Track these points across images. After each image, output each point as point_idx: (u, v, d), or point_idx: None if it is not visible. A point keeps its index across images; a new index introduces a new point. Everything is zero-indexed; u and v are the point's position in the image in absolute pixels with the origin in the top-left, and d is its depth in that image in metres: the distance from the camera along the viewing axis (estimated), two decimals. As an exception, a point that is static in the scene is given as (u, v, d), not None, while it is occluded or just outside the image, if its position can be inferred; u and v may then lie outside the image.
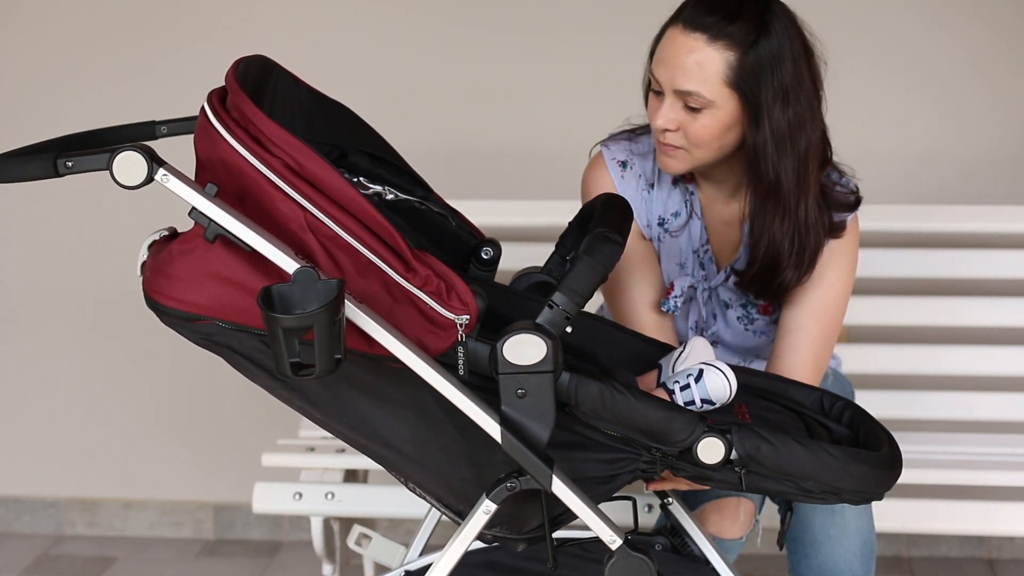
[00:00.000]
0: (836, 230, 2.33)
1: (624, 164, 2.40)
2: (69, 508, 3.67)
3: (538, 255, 2.76)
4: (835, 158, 2.38)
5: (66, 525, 3.68)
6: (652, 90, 2.27)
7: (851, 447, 1.97)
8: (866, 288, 3.09)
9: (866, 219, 3.05)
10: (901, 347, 3.04)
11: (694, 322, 2.44)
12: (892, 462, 1.93)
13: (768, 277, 2.32)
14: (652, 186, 2.40)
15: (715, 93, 2.19)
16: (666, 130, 2.23)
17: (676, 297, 2.37)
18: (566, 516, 1.94)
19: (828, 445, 1.90)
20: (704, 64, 2.18)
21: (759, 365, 2.51)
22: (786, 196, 2.25)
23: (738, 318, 2.46)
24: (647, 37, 2.31)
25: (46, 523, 3.68)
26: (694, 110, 2.20)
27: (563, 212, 2.59)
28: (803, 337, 2.35)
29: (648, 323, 2.39)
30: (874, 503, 2.25)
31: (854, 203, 2.36)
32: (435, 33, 3.41)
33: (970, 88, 3.31)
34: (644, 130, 2.42)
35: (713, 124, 2.21)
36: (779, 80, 2.20)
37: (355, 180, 2.09)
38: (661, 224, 2.41)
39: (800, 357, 2.34)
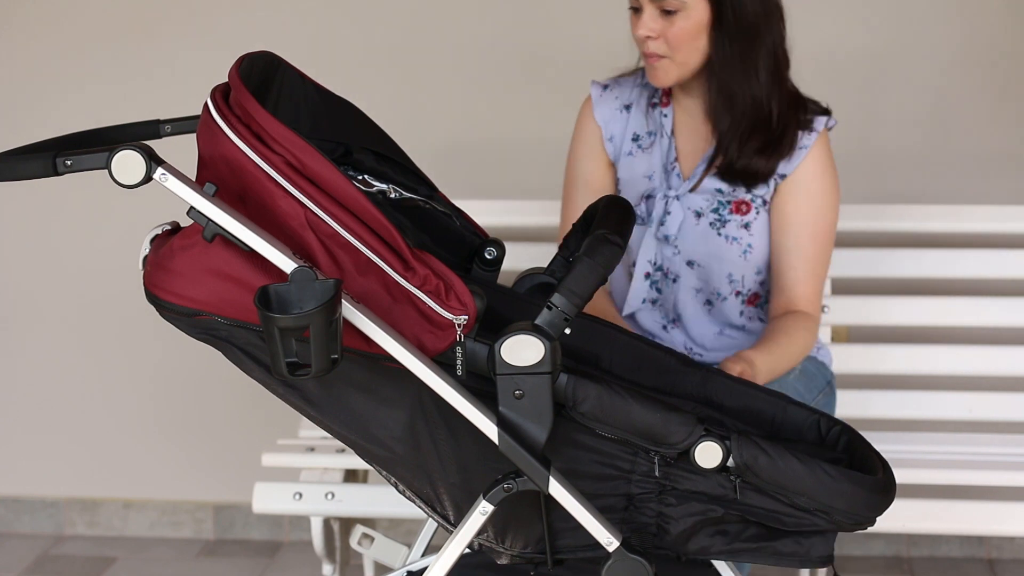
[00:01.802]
0: (805, 125, 2.56)
1: (605, 87, 2.70)
2: (69, 508, 3.67)
3: (542, 255, 2.76)
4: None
5: (66, 525, 3.68)
6: (631, 8, 2.53)
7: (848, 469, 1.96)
8: (866, 288, 3.09)
9: (867, 219, 3.06)
10: (901, 347, 3.04)
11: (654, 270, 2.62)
12: (886, 487, 1.92)
13: (753, 149, 2.53)
14: (628, 107, 2.67)
15: None
16: (648, 38, 2.49)
17: (637, 207, 2.63)
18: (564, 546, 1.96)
19: (825, 463, 1.89)
20: None
21: (721, 308, 2.62)
22: (760, 81, 2.51)
23: (711, 224, 2.58)
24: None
25: (46, 523, 3.68)
26: (669, 14, 2.47)
27: (566, 212, 2.60)
28: (800, 255, 2.56)
29: None
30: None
31: (825, 109, 2.60)
32: (437, 31, 3.41)
33: (969, 87, 3.31)
34: (634, 72, 2.70)
35: (688, 25, 2.47)
36: None
37: (360, 178, 2.09)
38: (635, 140, 2.66)
39: (799, 274, 2.56)
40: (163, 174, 1.75)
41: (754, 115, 2.53)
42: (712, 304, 2.62)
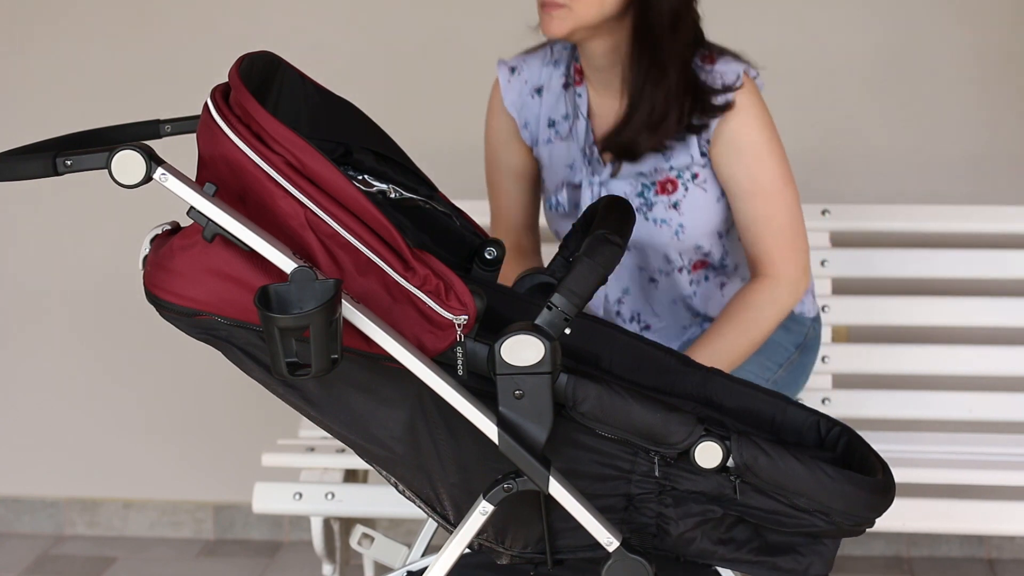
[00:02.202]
0: (712, 109, 2.43)
1: (513, 70, 2.62)
2: (69, 508, 3.67)
3: (542, 255, 2.76)
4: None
5: (66, 525, 3.68)
6: None
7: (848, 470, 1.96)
8: (866, 288, 3.09)
9: (866, 219, 3.05)
10: (901, 347, 3.04)
11: None
12: (885, 488, 1.92)
13: (633, 136, 2.45)
14: (539, 91, 2.59)
15: None
16: None
17: (558, 194, 2.56)
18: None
19: (825, 464, 1.90)
20: None
21: (667, 283, 2.57)
22: (665, 54, 2.40)
23: (637, 208, 2.50)
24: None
25: (46, 523, 3.68)
26: None
27: (565, 212, 2.60)
28: (750, 215, 2.48)
29: (522, 233, 2.69)
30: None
31: (738, 58, 2.48)
32: (438, 31, 3.41)
33: (968, 86, 3.31)
34: (542, 47, 2.62)
35: None
36: None
37: (360, 178, 2.09)
38: (552, 126, 2.57)
39: (769, 242, 2.48)
40: (163, 174, 1.75)
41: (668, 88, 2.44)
42: (656, 281, 2.60)
